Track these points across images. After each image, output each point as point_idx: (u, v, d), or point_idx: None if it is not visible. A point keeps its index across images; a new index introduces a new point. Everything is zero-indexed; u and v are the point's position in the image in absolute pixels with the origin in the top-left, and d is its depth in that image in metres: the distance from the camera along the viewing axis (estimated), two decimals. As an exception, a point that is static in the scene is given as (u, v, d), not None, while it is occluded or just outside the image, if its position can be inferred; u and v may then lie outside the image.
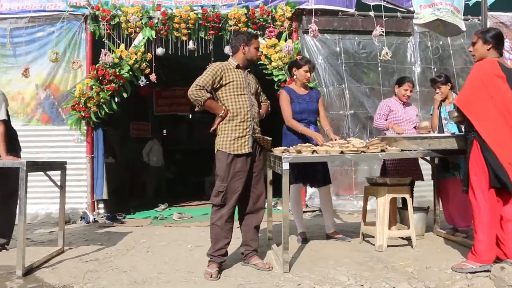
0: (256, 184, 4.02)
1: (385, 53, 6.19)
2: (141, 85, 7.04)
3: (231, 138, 3.87)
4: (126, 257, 4.47)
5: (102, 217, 6.86)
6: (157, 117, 11.88)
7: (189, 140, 13.59)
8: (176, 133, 13.68)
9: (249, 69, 4.17)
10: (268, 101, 4.46)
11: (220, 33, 7.21)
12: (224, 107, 3.91)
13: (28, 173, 3.93)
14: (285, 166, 3.72)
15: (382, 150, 4.04)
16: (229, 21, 7.08)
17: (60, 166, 4.72)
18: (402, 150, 4.12)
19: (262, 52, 6.79)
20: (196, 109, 3.95)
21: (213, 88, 3.94)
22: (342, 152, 3.94)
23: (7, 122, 4.58)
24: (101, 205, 7.14)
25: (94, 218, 6.73)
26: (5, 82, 6.99)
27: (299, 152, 4.03)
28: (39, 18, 7.18)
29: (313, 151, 4.00)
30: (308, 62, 4.95)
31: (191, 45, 7.16)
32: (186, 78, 10.58)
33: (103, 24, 7.05)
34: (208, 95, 3.86)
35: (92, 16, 7.06)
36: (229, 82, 3.94)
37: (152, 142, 10.37)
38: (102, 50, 6.75)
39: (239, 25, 7.06)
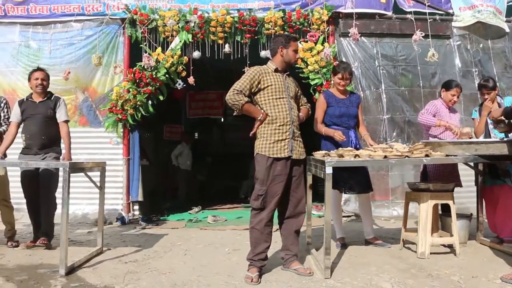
0: (296, 188, 3.97)
1: (431, 55, 6.07)
2: (179, 88, 7.08)
3: (271, 141, 3.83)
4: (164, 259, 4.47)
5: (137, 218, 6.90)
6: (189, 120, 11.94)
7: (220, 143, 13.59)
8: (208, 137, 13.71)
9: (288, 73, 4.13)
10: (309, 105, 4.42)
11: (256, 37, 7.19)
12: (262, 111, 3.88)
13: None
14: (328, 170, 3.67)
15: (427, 155, 3.94)
16: (265, 24, 7.06)
17: (100, 166, 4.77)
18: (447, 155, 4.01)
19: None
20: (235, 113, 3.94)
21: (252, 92, 3.92)
22: (385, 156, 3.86)
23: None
24: (136, 207, 7.19)
25: (130, 219, 6.79)
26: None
27: (341, 156, 3.97)
28: (79, 21, 7.29)
29: (356, 155, 3.93)
30: (344, 70, 4.84)
31: (227, 48, 7.16)
32: (219, 81, 10.74)
33: (141, 28, 7.12)
34: (246, 99, 3.84)
35: (130, 20, 7.14)
36: (268, 86, 3.91)
37: (181, 146, 10.40)
38: (144, 54, 6.81)
39: (276, 28, 7.03)
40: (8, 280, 3.80)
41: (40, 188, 4.83)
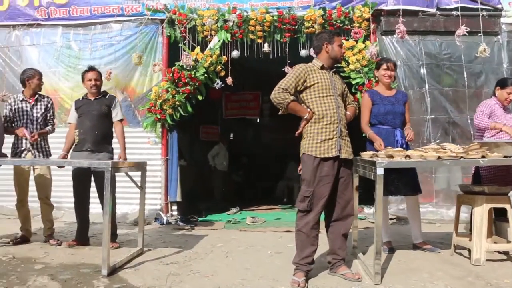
0: (344, 189, 3.78)
1: (482, 50, 5.79)
2: (217, 88, 6.97)
3: (317, 140, 3.66)
4: (206, 261, 4.35)
5: (176, 219, 6.81)
6: (224, 121, 11.85)
7: (256, 144, 13.46)
8: (243, 137, 13.61)
9: (334, 70, 3.95)
10: (356, 103, 4.23)
11: (295, 36, 7.03)
12: (309, 110, 3.71)
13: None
14: (380, 171, 3.46)
15: (483, 156, 3.69)
16: (305, 23, 6.89)
17: (141, 166, 4.68)
18: (505, 157, 3.75)
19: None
20: (280, 112, 3.77)
21: (297, 91, 3.75)
22: (439, 157, 3.63)
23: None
24: (174, 207, 7.12)
25: (168, 220, 6.71)
26: (81, 85, 7.09)
27: (390, 157, 3.76)
28: (118, 22, 7.29)
29: (406, 156, 3.72)
30: (387, 61, 4.71)
31: (266, 47, 7.03)
32: (256, 82, 10.63)
33: (179, 28, 7.05)
34: (292, 97, 3.68)
35: (169, 20, 7.08)
36: (314, 84, 3.74)
37: (218, 147, 10.33)
38: (184, 52, 6.74)
39: (315, 27, 6.84)
40: (52, 279, 3.76)
41: (98, 190, 4.80)
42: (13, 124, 5.09)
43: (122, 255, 4.41)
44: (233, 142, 12.59)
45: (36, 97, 5.18)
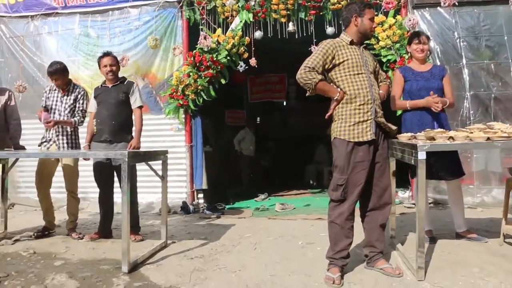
0: (380, 176, 3.42)
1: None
2: (241, 70, 6.62)
3: (350, 123, 3.29)
4: (233, 254, 4.06)
5: (202, 207, 6.56)
6: (250, 105, 11.50)
7: (282, 127, 13.10)
8: (270, 121, 13.26)
9: (364, 45, 3.56)
10: (388, 80, 3.83)
11: (321, 13, 6.59)
12: (339, 89, 3.33)
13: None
14: (421, 155, 3.08)
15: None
16: (330, -1, 6.44)
17: (162, 155, 4.40)
18: None
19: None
20: (307, 93, 3.39)
21: (325, 69, 3.37)
22: (488, 138, 3.22)
23: None
24: (201, 195, 6.85)
25: (194, 208, 6.46)
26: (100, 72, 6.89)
27: (431, 139, 3.36)
28: (135, 7, 6.99)
29: (449, 138, 3.31)
30: (418, 34, 4.27)
31: (291, 27, 6.63)
32: (281, 64, 10.21)
33: (199, 10, 6.71)
34: (320, 76, 3.30)
35: (188, 2, 6.75)
36: (343, 61, 3.35)
37: (244, 131, 10.01)
38: (202, 33, 6.41)
39: (342, 3, 6.39)
40: (71, 277, 3.54)
41: (120, 183, 4.56)
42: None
43: (144, 248, 4.16)
44: (259, 126, 12.25)
45: (68, 87, 4.95)
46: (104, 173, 4.70)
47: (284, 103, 13.00)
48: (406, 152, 3.40)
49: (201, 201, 6.80)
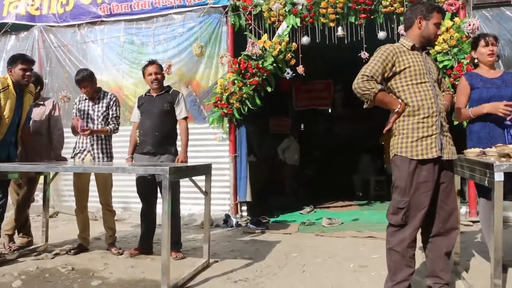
0: (446, 198, 3.01)
1: None
2: (287, 78, 6.30)
3: (413, 139, 2.90)
4: (279, 278, 3.73)
5: (246, 220, 6.26)
6: (294, 112, 11.16)
7: (327, 135, 12.69)
8: (314, 129, 12.88)
9: (426, 51, 3.16)
10: (452, 90, 3.42)
11: (372, 17, 6.20)
12: (400, 101, 2.96)
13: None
14: (499, 176, 2.66)
15: None
16: (382, 1, 6.03)
17: (206, 170, 4.14)
18: None
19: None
20: (365, 106, 3.03)
21: (384, 78, 3.00)
22: None
23: None
24: (244, 207, 6.56)
25: (237, 222, 6.17)
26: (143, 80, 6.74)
27: (507, 156, 2.93)
28: (180, 13, 6.81)
29: (530, 155, 2.87)
30: (484, 36, 3.82)
31: (340, 31, 6.28)
32: (327, 70, 9.84)
33: (244, 15, 6.45)
34: (379, 86, 2.93)
35: (233, 7, 6.50)
36: (405, 69, 2.97)
37: (289, 140, 9.68)
38: (249, 40, 6.14)
39: (395, 5, 5.99)
40: (108, 299, 3.31)
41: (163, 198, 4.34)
42: None
43: (185, 268, 3.90)
44: (303, 134, 11.89)
45: (99, 95, 4.77)
46: (147, 187, 4.49)
47: (329, 111, 12.58)
48: (477, 171, 2.99)
49: (245, 213, 6.51)
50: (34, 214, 6.04)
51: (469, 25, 5.51)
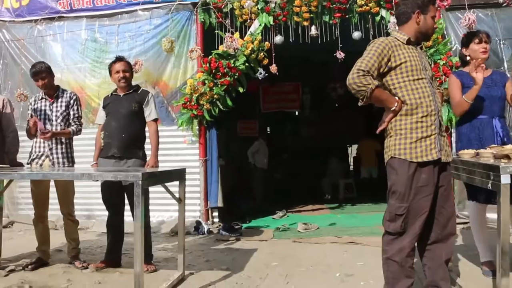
0: (445, 202, 2.79)
1: None
2: (260, 78, 6.00)
3: (412, 139, 2.67)
4: (262, 291, 3.43)
5: (217, 227, 5.93)
6: (261, 115, 10.88)
7: (295, 138, 12.48)
8: (281, 132, 12.64)
9: (420, 45, 2.94)
10: (442, 88, 3.22)
11: (347, 16, 5.99)
12: (397, 98, 2.72)
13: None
14: (505, 179, 2.46)
15: None
16: (358, 1, 5.84)
17: (180, 175, 3.78)
18: None
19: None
20: (360, 103, 2.76)
21: (379, 73, 2.76)
22: None
23: None
24: (215, 213, 6.21)
25: (209, 229, 5.82)
26: (108, 80, 6.29)
27: (506, 157, 2.73)
28: (146, 10, 6.41)
29: (531, 156, 2.69)
30: (477, 33, 3.66)
31: (313, 30, 6.04)
32: (295, 72, 9.59)
33: (215, 12, 6.13)
34: (376, 82, 2.67)
35: (203, 4, 6.16)
36: (401, 64, 2.73)
37: (259, 142, 9.39)
38: (227, 34, 5.81)
39: (370, 4, 5.81)
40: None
41: (130, 201, 3.96)
42: None
43: (159, 282, 3.55)
44: (271, 137, 11.63)
45: (57, 93, 4.31)
46: (113, 194, 4.08)
47: (296, 113, 12.38)
48: (477, 173, 2.79)
49: (216, 220, 6.17)
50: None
51: (465, 20, 5.35)
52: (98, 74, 6.40)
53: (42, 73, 4.19)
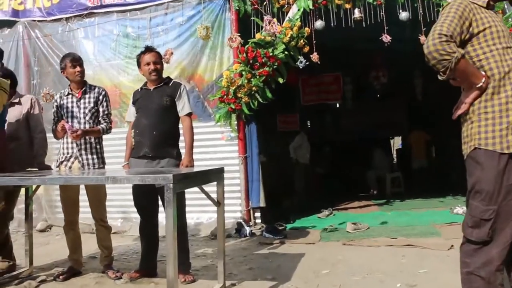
0: (540, 202, 2.21)
1: None
2: (300, 67, 5.49)
3: (503, 125, 2.09)
4: (313, 306, 2.94)
5: (260, 228, 5.47)
6: (301, 108, 10.33)
7: (336, 131, 11.89)
8: (322, 124, 12.08)
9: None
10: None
11: (392, -4, 5.41)
12: (483, 73, 2.15)
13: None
14: None
15: None
16: (405, -24, 5.24)
17: (217, 175, 3.32)
18: None
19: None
20: (442, 76, 2.16)
21: (460, 41, 2.17)
22: None
23: None
24: (257, 214, 5.75)
25: (251, 231, 5.37)
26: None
27: None
28: (178, 1, 6.00)
29: None
30: None
31: (357, 13, 5.50)
32: (336, 62, 9.01)
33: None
34: (462, 50, 2.10)
35: (237, -9, 5.70)
36: (484, 29, 2.14)
37: (300, 137, 8.87)
38: (265, 17, 5.34)
39: (419, -19, 5.19)
40: None
41: (164, 204, 3.52)
42: None
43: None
44: (311, 131, 11.08)
45: (83, 89, 3.94)
46: (145, 196, 3.67)
47: (337, 105, 11.78)
48: None
49: (258, 220, 5.71)
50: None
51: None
52: (131, 70, 6.03)
53: (81, 60, 3.92)
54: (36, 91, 6.49)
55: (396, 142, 15.93)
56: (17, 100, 3.99)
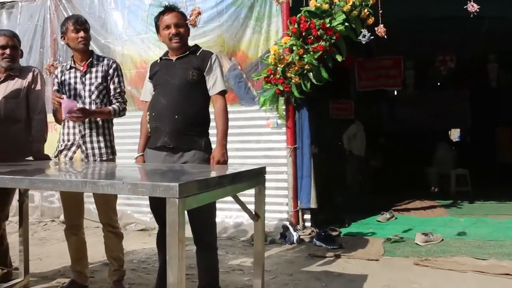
0: None
1: None
2: (363, 42, 4.39)
3: None
4: None
5: (310, 234, 4.51)
6: (356, 95, 9.21)
7: (394, 121, 10.72)
8: (377, 113, 10.92)
9: None
10: None
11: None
12: None
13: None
14: None
15: None
16: None
17: (256, 179, 2.36)
18: None
19: None
20: None
21: None
22: None
23: None
24: (307, 216, 4.79)
25: (299, 236, 4.43)
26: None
27: None
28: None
29: None
30: None
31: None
32: (395, 44, 7.81)
33: (303, -40, 4.65)
34: None
35: (287, -49, 4.69)
36: None
37: (356, 126, 7.83)
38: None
39: None
40: None
41: (188, 214, 2.63)
42: None
43: None
44: (365, 120, 9.96)
45: (89, 61, 3.09)
46: (163, 202, 2.76)
47: (395, 92, 10.59)
48: None
49: (308, 223, 4.76)
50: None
51: None
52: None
53: (87, 24, 3.05)
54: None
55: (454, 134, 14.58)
56: (16, 73, 3.19)
